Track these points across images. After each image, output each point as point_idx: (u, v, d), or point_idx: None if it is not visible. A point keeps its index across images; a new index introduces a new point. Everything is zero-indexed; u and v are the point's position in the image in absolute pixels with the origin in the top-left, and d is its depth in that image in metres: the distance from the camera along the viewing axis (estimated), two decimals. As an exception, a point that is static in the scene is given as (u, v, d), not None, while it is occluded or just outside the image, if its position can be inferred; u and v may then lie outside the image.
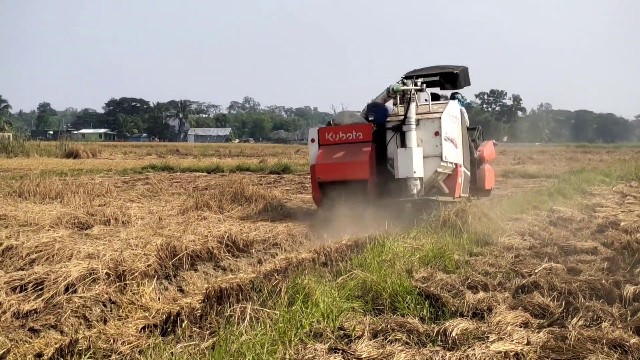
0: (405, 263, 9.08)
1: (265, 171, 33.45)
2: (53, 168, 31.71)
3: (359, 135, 14.08)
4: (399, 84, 13.98)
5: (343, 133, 14.18)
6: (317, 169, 13.88)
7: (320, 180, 13.88)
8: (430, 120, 13.96)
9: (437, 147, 13.84)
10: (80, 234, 11.00)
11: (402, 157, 13.43)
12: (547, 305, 7.49)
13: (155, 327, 6.87)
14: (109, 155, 54.35)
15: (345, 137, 14.13)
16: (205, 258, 10.05)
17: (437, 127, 13.88)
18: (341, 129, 14.25)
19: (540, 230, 12.92)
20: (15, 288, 7.68)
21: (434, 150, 13.84)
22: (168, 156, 54.02)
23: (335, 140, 14.18)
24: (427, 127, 13.86)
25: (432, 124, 13.91)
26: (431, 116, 14.05)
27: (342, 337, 6.39)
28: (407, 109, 13.70)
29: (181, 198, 17.67)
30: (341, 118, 14.79)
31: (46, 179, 18.22)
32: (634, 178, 28.68)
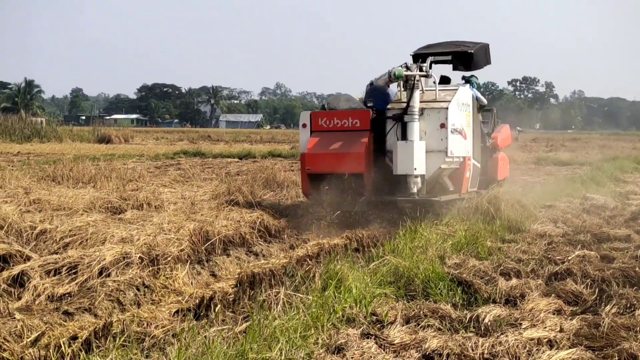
0: (437, 249, 9.06)
1: (297, 157, 33.36)
2: (86, 153, 32.01)
3: (355, 123, 12.46)
4: (402, 67, 12.25)
5: (338, 119, 12.55)
6: (307, 158, 12.40)
7: (310, 172, 12.42)
8: (436, 110, 12.34)
9: (442, 142, 12.23)
10: (113, 218, 11.06)
11: (402, 151, 11.91)
12: (580, 292, 7.44)
13: (189, 311, 6.91)
14: (141, 141, 54.76)
15: (340, 123, 12.52)
16: (238, 243, 10.09)
17: (444, 119, 12.25)
18: (336, 115, 12.64)
19: (573, 218, 12.83)
20: (50, 271, 7.74)
21: (439, 144, 12.24)
22: (200, 142, 54.23)
23: (329, 127, 12.58)
24: (432, 118, 12.27)
25: (437, 114, 12.28)
26: (437, 106, 12.45)
27: (374, 322, 6.39)
28: (410, 96, 12.12)
29: (213, 183, 17.73)
30: (337, 102, 13.12)
31: (79, 164, 18.37)
32: (668, 165, 28.37)
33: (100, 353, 5.21)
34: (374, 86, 12.99)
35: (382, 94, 12.78)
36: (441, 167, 12.48)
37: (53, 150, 35.28)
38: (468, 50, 13.44)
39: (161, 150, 37.25)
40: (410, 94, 12.13)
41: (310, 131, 12.71)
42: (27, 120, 56.11)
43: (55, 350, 5.51)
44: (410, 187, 11.96)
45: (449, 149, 12.28)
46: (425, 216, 11.57)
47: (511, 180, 21.43)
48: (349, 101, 13.03)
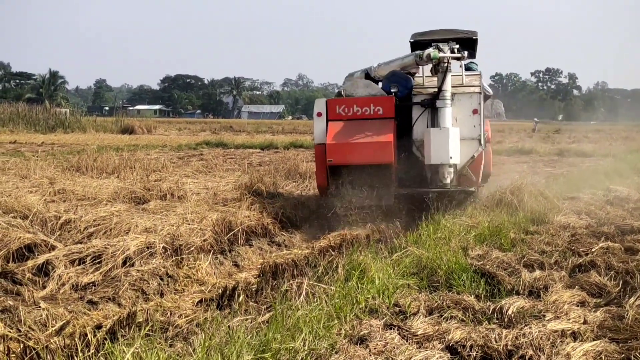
0: (460, 240, 9.04)
1: (319, 148, 33.40)
2: (109, 143, 32.16)
3: (377, 110, 11.66)
4: (434, 49, 11.59)
5: (358, 106, 11.74)
6: (329, 149, 11.40)
7: (332, 164, 11.46)
8: (468, 95, 11.87)
9: (474, 128, 11.81)
10: (137, 208, 11.13)
11: (436, 139, 11.36)
12: (604, 284, 7.40)
13: (212, 301, 6.94)
14: (163, 132, 54.90)
15: (361, 111, 11.72)
16: (260, 233, 10.14)
17: (476, 104, 11.83)
18: (356, 102, 11.79)
19: (597, 209, 12.72)
20: (74, 261, 7.81)
21: (472, 131, 11.79)
22: (222, 133, 54.39)
23: (348, 115, 11.74)
24: (464, 104, 11.79)
25: (469, 99, 11.83)
26: (468, 90, 11.94)
27: (397, 313, 6.39)
28: (442, 80, 11.52)
29: (235, 174, 17.77)
30: (354, 88, 12.28)
31: (103, 154, 18.45)
32: (692, 157, 28.07)
33: (125, 342, 5.24)
34: (394, 71, 12.49)
35: (404, 80, 12.30)
36: (474, 156, 12.06)
37: (77, 141, 35.47)
38: (472, 36, 12.59)
39: (184, 141, 37.34)
40: (442, 78, 11.55)
41: (327, 120, 11.85)
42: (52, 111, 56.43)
43: (80, 339, 5.55)
44: (444, 177, 11.56)
45: (482, 136, 11.96)
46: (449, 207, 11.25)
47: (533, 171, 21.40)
48: (367, 87, 12.31)
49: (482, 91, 12.13)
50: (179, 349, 5.23)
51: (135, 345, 4.87)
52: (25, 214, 9.64)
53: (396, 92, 12.02)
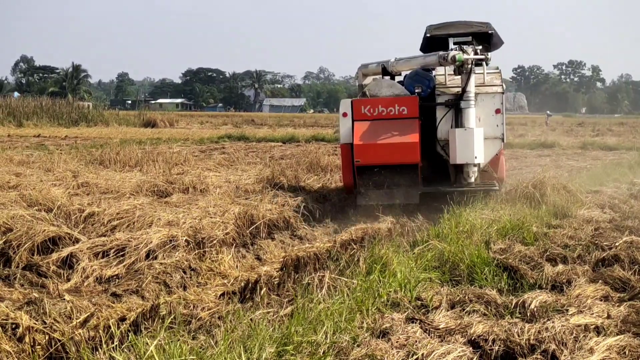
0: (482, 234, 9.01)
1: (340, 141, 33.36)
2: (132, 137, 32.39)
3: (402, 110, 11.79)
4: (457, 50, 11.65)
5: (383, 107, 11.86)
6: (357, 150, 11.61)
7: (360, 164, 11.64)
8: (491, 95, 12.07)
9: (497, 127, 11.99)
10: (159, 201, 11.19)
11: (461, 139, 11.55)
12: (628, 279, 7.35)
13: (234, 294, 6.96)
14: (185, 125, 55.18)
15: (386, 111, 11.83)
16: (282, 227, 10.15)
17: (499, 104, 12.05)
18: (380, 102, 11.92)
19: (621, 203, 12.65)
20: (98, 254, 7.87)
21: (495, 130, 11.98)
22: (243, 126, 54.51)
23: (374, 115, 11.85)
24: (487, 104, 11.97)
25: (492, 99, 12.04)
26: (491, 90, 12.14)
27: (419, 307, 6.39)
28: (466, 81, 11.65)
29: (257, 167, 17.81)
30: (378, 89, 12.39)
31: (126, 148, 18.60)
32: None
33: (149, 334, 5.27)
34: (417, 71, 12.65)
35: (427, 79, 12.47)
36: (497, 155, 12.36)
37: (100, 134, 35.75)
38: (488, 30, 12.58)
39: (206, 135, 37.47)
40: (466, 79, 11.67)
41: (352, 120, 11.97)
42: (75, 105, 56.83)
43: (104, 331, 5.59)
44: (468, 176, 11.77)
45: (505, 135, 12.23)
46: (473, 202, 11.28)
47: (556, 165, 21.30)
48: (391, 87, 12.46)
49: (504, 90, 12.29)
50: (201, 341, 5.26)
51: (158, 337, 4.91)
52: (49, 207, 9.73)
53: (420, 92, 12.17)
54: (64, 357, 5.14)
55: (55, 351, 5.20)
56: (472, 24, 12.78)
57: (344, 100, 12.44)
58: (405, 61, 12.93)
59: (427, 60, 12.33)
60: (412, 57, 12.92)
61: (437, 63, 12.01)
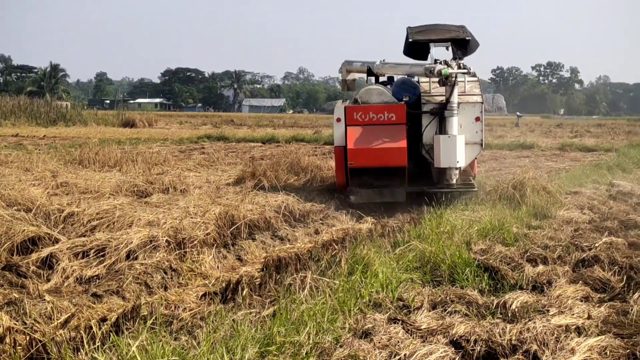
0: (463, 235, 9.06)
1: (320, 142, 33.38)
2: (110, 137, 32.21)
3: (391, 117, 12.67)
4: (442, 64, 12.48)
5: (374, 113, 12.71)
6: (350, 154, 12.39)
7: (353, 167, 12.47)
8: (472, 104, 12.95)
9: (477, 134, 12.92)
10: (139, 201, 11.14)
11: (445, 145, 12.41)
12: (608, 279, 7.41)
13: (215, 294, 6.93)
14: (164, 125, 54.88)
15: (376, 117, 12.69)
16: (263, 227, 10.12)
17: (478, 113, 12.95)
18: (371, 109, 12.77)
19: (600, 204, 12.74)
20: (78, 254, 7.83)
21: (474, 137, 12.90)
22: (223, 126, 54.29)
23: (365, 120, 12.69)
24: (468, 112, 12.83)
25: (473, 108, 12.93)
26: (472, 100, 13.02)
27: (401, 307, 6.41)
28: (450, 92, 12.45)
29: (237, 168, 17.78)
30: (369, 96, 13.21)
31: (105, 148, 18.47)
32: (696, 151, 28.05)
33: (130, 335, 5.25)
34: (404, 79, 13.75)
35: (413, 88, 13.43)
36: (476, 158, 13.58)
37: (78, 134, 35.50)
38: (466, 37, 13.30)
39: (185, 135, 37.32)
40: (450, 91, 12.45)
41: (346, 125, 12.79)
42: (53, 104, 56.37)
43: (86, 331, 5.56)
44: (450, 178, 12.59)
45: (484, 140, 13.15)
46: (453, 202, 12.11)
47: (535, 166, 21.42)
48: (381, 95, 13.25)
49: (483, 100, 13.28)
50: (183, 342, 5.23)
51: (140, 338, 4.88)
52: (28, 207, 9.67)
53: (407, 100, 13.16)
54: (45, 358, 5.09)
55: (36, 352, 5.15)
56: (450, 29, 13.51)
57: (337, 107, 13.16)
58: (391, 66, 13.87)
59: (414, 69, 13.29)
60: (399, 63, 13.83)
61: (423, 74, 12.72)
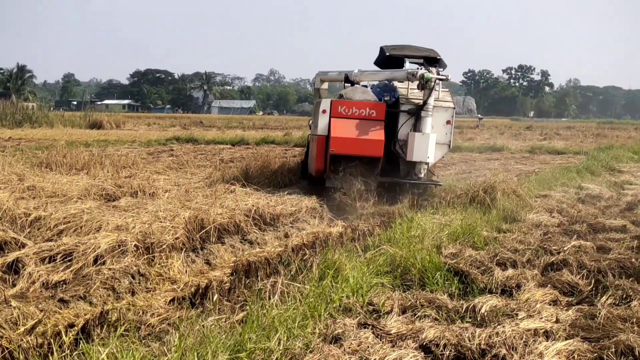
0: (434, 239, 9.08)
1: (290, 144, 33.36)
2: (78, 139, 31.82)
3: (372, 113, 14.03)
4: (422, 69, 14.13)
5: (357, 108, 14.05)
6: (333, 141, 13.59)
7: (334, 153, 13.64)
8: (444, 109, 14.36)
9: (446, 135, 14.35)
10: (108, 205, 11.00)
11: (418, 141, 13.84)
12: (576, 283, 7.48)
13: (184, 299, 6.90)
14: (132, 127, 54.44)
15: (358, 112, 14.03)
16: (233, 231, 10.05)
17: (449, 117, 14.40)
18: (355, 104, 14.13)
19: (569, 208, 12.86)
20: (45, 259, 7.70)
21: (444, 138, 14.32)
22: (192, 128, 53.97)
23: (348, 114, 14.02)
24: (440, 115, 14.26)
25: (445, 112, 14.36)
26: (445, 105, 14.41)
27: (371, 312, 6.41)
28: (428, 95, 13.90)
29: (207, 170, 17.69)
30: (353, 93, 14.62)
31: (73, 150, 18.26)
32: (663, 155, 28.43)
33: (100, 342, 5.19)
34: (385, 83, 15.22)
35: (393, 90, 14.93)
36: (443, 157, 15.12)
37: (45, 136, 35.05)
38: (437, 56, 14.86)
39: (153, 137, 37.00)
40: (429, 94, 13.90)
41: (330, 116, 14.05)
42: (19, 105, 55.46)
43: (53, 338, 5.49)
44: (419, 172, 14.13)
45: (452, 142, 14.54)
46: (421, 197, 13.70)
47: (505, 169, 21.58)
48: (364, 93, 14.61)
49: (455, 106, 14.70)
50: (154, 349, 5.17)
51: (110, 345, 4.83)
52: (-6, 211, 9.51)
53: (387, 100, 14.63)
54: (12, 365, 5.02)
55: (2, 359, 5.07)
56: (421, 49, 15.29)
57: (324, 100, 14.47)
58: (370, 73, 15.58)
59: (395, 75, 14.85)
60: (378, 71, 15.80)
61: (405, 78, 14.35)
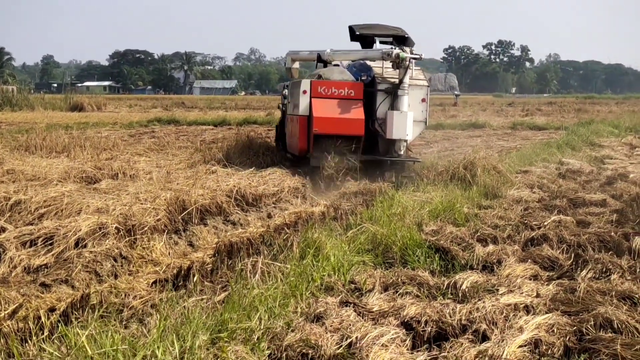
0: (415, 216, 9.09)
1: (272, 124, 33.10)
2: (58, 121, 31.59)
3: (350, 93, 14.26)
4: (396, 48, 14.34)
5: (336, 88, 14.28)
6: (316, 121, 13.85)
7: (317, 133, 13.88)
8: (419, 87, 14.66)
9: (422, 113, 14.67)
10: (88, 188, 10.97)
11: (397, 119, 14.12)
12: (557, 257, 7.53)
13: (166, 281, 6.89)
14: (114, 109, 54.02)
15: (337, 92, 14.25)
16: (215, 212, 10.04)
17: (424, 95, 14.75)
18: (334, 84, 14.36)
19: (549, 183, 12.92)
20: (25, 243, 7.69)
21: (420, 115, 14.62)
22: (174, 109, 53.64)
23: (327, 94, 14.24)
24: (416, 93, 14.54)
25: (420, 90, 14.67)
26: (419, 83, 14.73)
27: (353, 290, 6.42)
28: (404, 74, 14.18)
29: (188, 151, 17.64)
30: (331, 74, 14.87)
31: (52, 133, 18.16)
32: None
33: (80, 324, 5.17)
34: (361, 63, 15.53)
35: (368, 70, 15.21)
36: (420, 134, 15.49)
37: (25, 119, 34.76)
38: (404, 34, 15.17)
39: (135, 118, 36.76)
40: (404, 73, 14.16)
41: (310, 97, 14.21)
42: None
43: (34, 322, 5.48)
44: (399, 149, 14.31)
45: (428, 119, 14.93)
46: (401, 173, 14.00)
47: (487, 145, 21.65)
48: (342, 73, 14.85)
49: (429, 84, 15.12)
50: (134, 330, 5.17)
51: (89, 327, 4.81)
52: (-27, 196, 9.45)
53: (365, 79, 14.90)
54: (-8, 349, 5.01)
55: (-18, 343, 5.06)
56: (389, 28, 15.72)
57: (304, 80, 14.55)
58: (344, 53, 15.86)
59: (370, 54, 15.36)
60: (352, 50, 16.05)
61: (380, 58, 14.73)
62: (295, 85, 14.99)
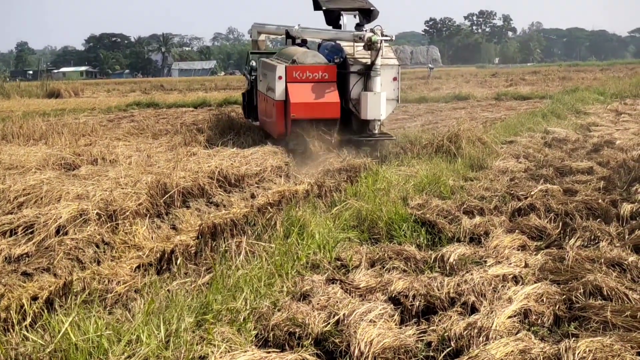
0: (400, 191, 9.03)
1: (253, 104, 33.06)
2: (35, 109, 31.23)
3: (324, 76, 14.52)
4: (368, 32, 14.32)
5: (310, 72, 14.54)
6: (293, 107, 14.12)
7: (295, 118, 14.15)
8: (390, 66, 14.90)
9: (394, 91, 14.93)
10: (67, 175, 10.86)
11: (371, 100, 14.37)
12: (544, 227, 7.50)
13: (150, 265, 6.81)
14: (91, 94, 53.53)
15: (312, 76, 14.52)
16: (197, 194, 9.94)
17: (396, 73, 15.04)
18: (308, 69, 14.61)
19: (535, 152, 12.92)
20: (5, 232, 7.61)
21: (392, 94, 14.89)
22: (153, 92, 53.08)
23: (302, 79, 14.52)
24: (387, 73, 14.73)
25: (391, 70, 14.90)
26: (390, 62, 15.01)
27: (339, 267, 6.36)
28: (376, 56, 14.29)
29: (169, 134, 17.48)
30: (305, 58, 14.97)
31: (29, 121, 17.97)
32: (629, 95, 28.61)
33: (63, 312, 5.08)
34: (333, 44, 15.63)
35: (340, 51, 15.33)
36: (393, 112, 15.88)
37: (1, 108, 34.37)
38: (370, 7, 15.58)
39: (113, 103, 36.42)
40: (376, 54, 14.26)
41: (286, 82, 14.45)
42: (-28, 78, 54.63)
43: (17, 311, 5.39)
44: (374, 128, 14.62)
45: (399, 97, 15.27)
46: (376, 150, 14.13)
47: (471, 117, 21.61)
48: (315, 57, 14.94)
49: (400, 63, 15.50)
50: (118, 315, 5.09)
51: (73, 314, 4.73)
52: (-49, 187, 9.31)
53: (338, 61, 15.02)
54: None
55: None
56: (355, 1, 15.93)
57: (279, 66, 14.68)
58: (314, 31, 16.39)
59: (340, 35, 15.59)
60: (323, 29, 16.34)
61: (352, 40, 14.86)
62: (268, 67, 15.30)
